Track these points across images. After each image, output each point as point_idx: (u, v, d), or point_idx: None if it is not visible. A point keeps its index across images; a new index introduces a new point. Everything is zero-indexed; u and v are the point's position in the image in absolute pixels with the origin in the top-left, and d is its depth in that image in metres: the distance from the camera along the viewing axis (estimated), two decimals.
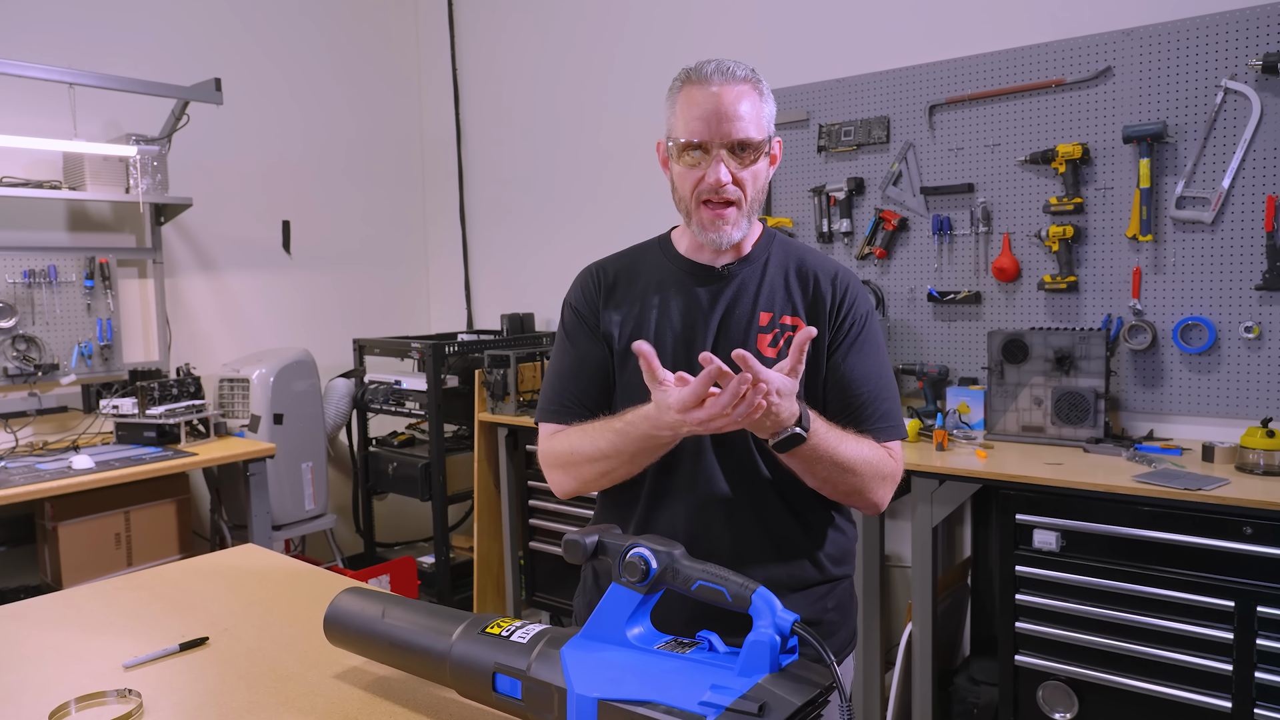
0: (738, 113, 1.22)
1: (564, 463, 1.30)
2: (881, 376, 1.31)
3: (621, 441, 1.21)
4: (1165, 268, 2.54)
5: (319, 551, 3.91)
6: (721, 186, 1.23)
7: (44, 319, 3.19)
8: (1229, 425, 2.45)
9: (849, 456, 1.20)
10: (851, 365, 1.29)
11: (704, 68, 1.24)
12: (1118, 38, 2.56)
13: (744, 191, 1.25)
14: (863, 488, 1.24)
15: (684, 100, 1.25)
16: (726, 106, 1.21)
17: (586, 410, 1.32)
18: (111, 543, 2.97)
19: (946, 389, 2.81)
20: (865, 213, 3.06)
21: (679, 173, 1.27)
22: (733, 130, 1.22)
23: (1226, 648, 1.99)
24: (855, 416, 1.28)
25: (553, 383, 1.37)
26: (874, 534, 2.65)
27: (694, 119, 1.23)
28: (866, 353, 1.31)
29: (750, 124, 1.23)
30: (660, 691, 0.83)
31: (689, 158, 1.24)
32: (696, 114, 1.22)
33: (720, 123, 1.21)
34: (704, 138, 1.22)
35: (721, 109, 1.21)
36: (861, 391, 1.29)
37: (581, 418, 1.31)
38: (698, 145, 1.23)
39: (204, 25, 3.69)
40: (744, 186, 1.25)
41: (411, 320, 4.56)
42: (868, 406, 1.29)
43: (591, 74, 3.86)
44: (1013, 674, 2.29)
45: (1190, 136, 2.47)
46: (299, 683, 1.11)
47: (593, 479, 1.28)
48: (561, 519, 3.25)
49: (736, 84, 1.23)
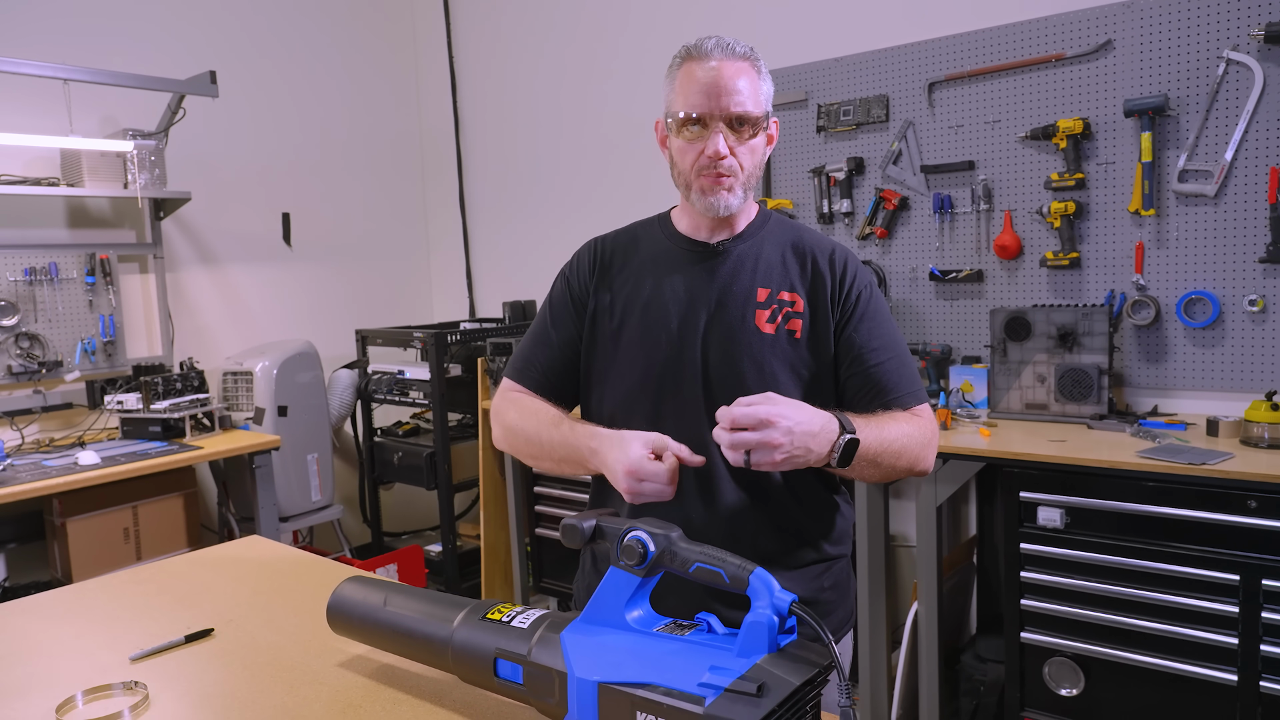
0: (736, 87, 1.23)
1: (505, 426, 1.36)
2: (895, 344, 1.32)
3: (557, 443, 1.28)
4: (1168, 242, 2.53)
5: (327, 542, 3.93)
6: (720, 158, 1.24)
7: (46, 316, 3.19)
8: (1233, 399, 2.44)
9: (896, 440, 1.21)
10: (864, 337, 1.29)
11: (704, 43, 1.25)
12: (1118, 10, 2.53)
13: (741, 166, 1.26)
14: (913, 463, 1.25)
15: (683, 76, 1.26)
16: (726, 81, 1.22)
17: (548, 380, 1.38)
18: (120, 537, 2.99)
19: (950, 368, 2.80)
20: (865, 192, 3.05)
21: (678, 147, 1.28)
22: (731, 104, 1.23)
23: (1232, 621, 1.99)
24: (876, 388, 1.28)
25: (526, 344, 1.43)
26: (879, 513, 2.65)
27: (693, 93, 1.23)
28: (876, 322, 1.31)
29: (749, 99, 1.24)
30: (660, 673, 0.84)
31: (688, 132, 1.25)
32: (696, 88, 1.23)
33: (719, 96, 1.22)
34: (703, 111, 1.23)
35: (721, 83, 1.22)
36: (879, 361, 1.29)
37: (541, 385, 1.38)
38: (696, 119, 1.24)
39: (199, 19, 3.68)
40: (741, 161, 1.25)
41: (414, 310, 4.56)
42: (888, 376, 1.28)
43: (589, 59, 3.84)
44: (1019, 651, 2.29)
45: (1192, 109, 2.45)
46: (303, 672, 1.12)
47: (525, 457, 1.37)
48: (567, 505, 3.26)
49: (736, 60, 1.24)
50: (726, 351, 1.27)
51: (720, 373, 1.26)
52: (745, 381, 1.25)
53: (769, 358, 1.27)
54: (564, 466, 1.29)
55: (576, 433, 1.25)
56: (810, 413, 1.12)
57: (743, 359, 1.27)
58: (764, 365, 1.26)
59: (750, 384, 1.25)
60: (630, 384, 1.31)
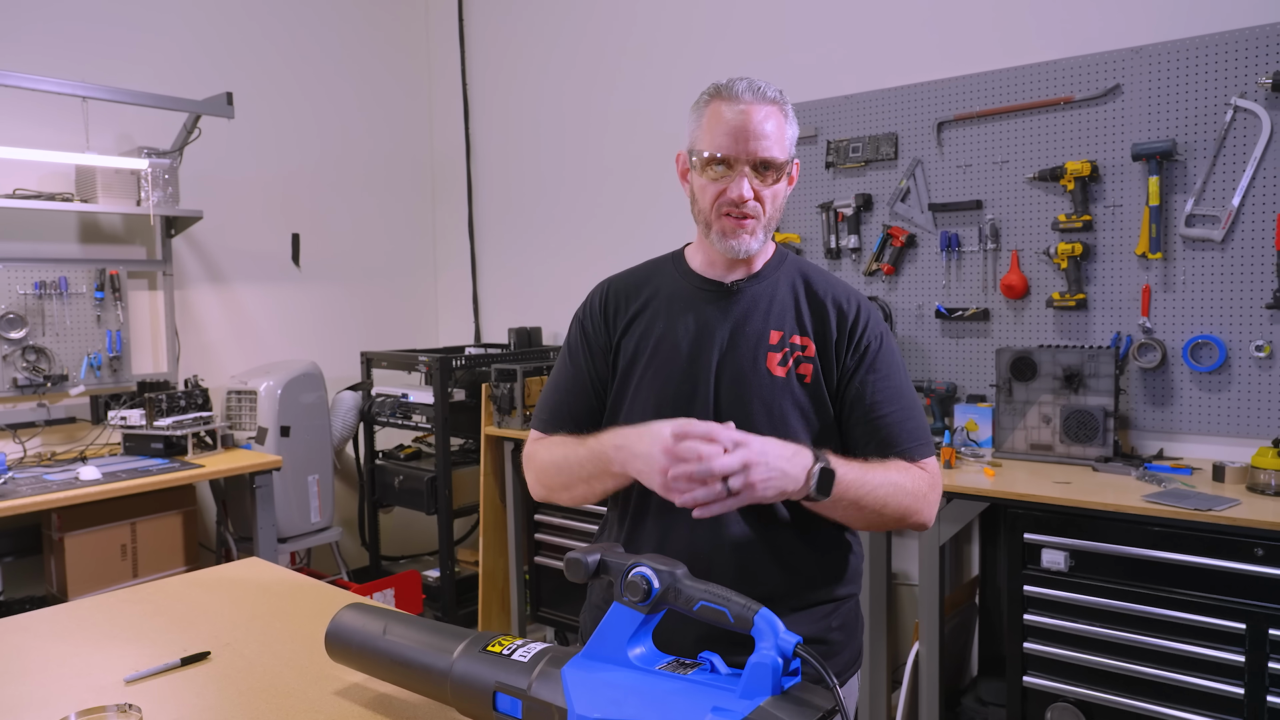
0: (765, 131, 1.23)
1: (536, 468, 1.36)
2: (904, 395, 1.31)
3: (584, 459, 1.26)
4: (1175, 286, 2.53)
5: (325, 564, 3.91)
6: (744, 202, 1.24)
7: (54, 330, 3.20)
8: (1240, 445, 2.43)
9: (880, 486, 1.20)
10: (872, 387, 1.28)
11: (735, 85, 1.26)
12: (1127, 55, 2.56)
13: (764, 208, 1.26)
14: (905, 513, 1.24)
15: (711, 115, 1.26)
16: (755, 125, 1.23)
17: (575, 426, 1.36)
18: (118, 554, 2.98)
19: (954, 406, 2.80)
20: (873, 229, 3.06)
21: (701, 185, 1.28)
22: (759, 149, 1.23)
23: (1238, 670, 1.96)
24: (882, 439, 1.27)
25: (549, 394, 1.42)
26: (881, 552, 2.63)
27: (721, 134, 1.24)
28: (886, 373, 1.30)
29: (775, 144, 1.24)
30: (661, 713, 0.83)
31: (712, 171, 1.26)
32: (724, 129, 1.24)
33: (747, 140, 1.23)
34: (730, 153, 1.24)
35: (750, 126, 1.23)
36: (886, 412, 1.28)
37: (569, 432, 1.35)
38: (722, 160, 1.24)
39: (218, 40, 3.72)
40: (764, 204, 1.26)
41: (419, 333, 4.57)
42: (895, 427, 1.28)
43: (599, 89, 3.88)
44: (1020, 695, 2.26)
45: (1200, 154, 2.46)
46: (299, 699, 1.11)
47: (558, 491, 1.34)
48: (567, 534, 3.24)
49: (765, 104, 1.24)
50: (738, 393, 1.27)
51: (731, 413, 1.25)
52: (755, 423, 1.24)
53: (779, 401, 1.26)
54: (594, 484, 1.26)
55: (601, 440, 1.24)
56: (777, 441, 1.13)
57: (753, 401, 1.26)
58: (774, 408, 1.26)
59: (760, 426, 1.24)
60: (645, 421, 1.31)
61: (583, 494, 1.31)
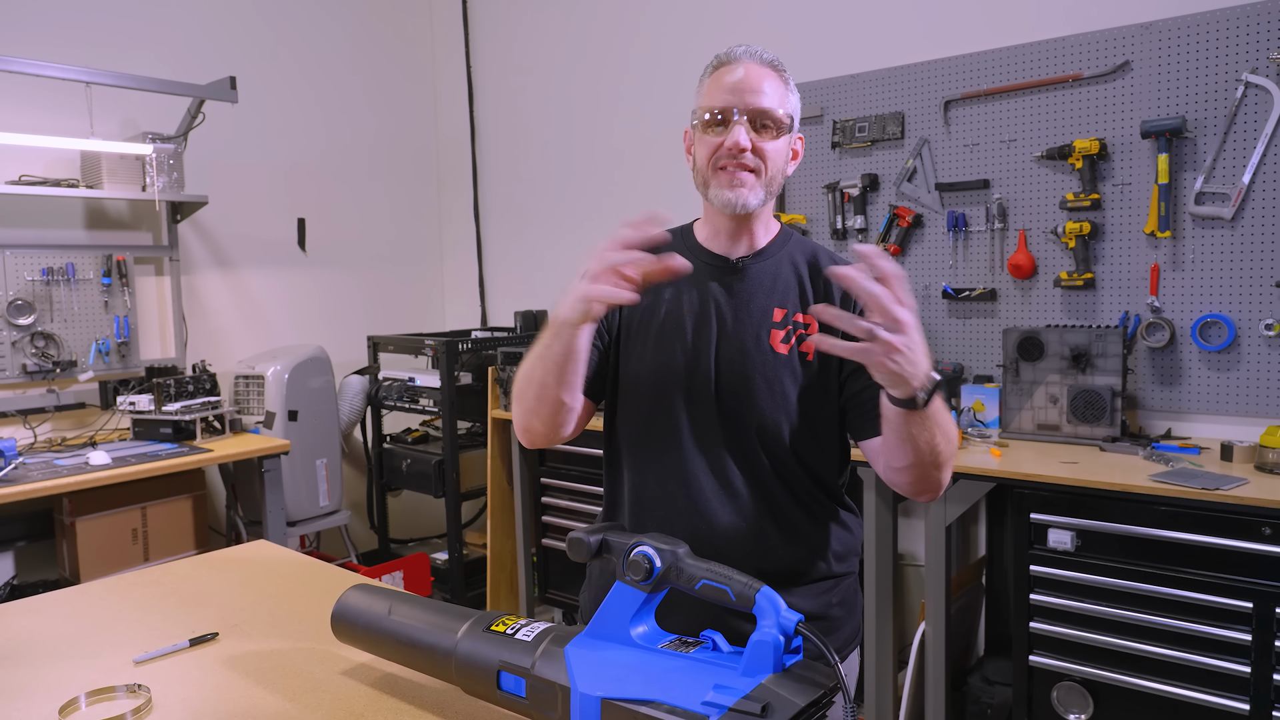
0: (761, 87, 1.23)
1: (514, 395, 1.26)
2: None
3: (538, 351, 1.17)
4: (1184, 264, 2.51)
5: (333, 548, 3.94)
6: (741, 151, 1.22)
7: (62, 316, 3.22)
8: (1248, 424, 2.42)
9: (947, 426, 1.14)
10: None
11: (733, 50, 1.27)
12: (1135, 31, 2.52)
13: (764, 163, 1.24)
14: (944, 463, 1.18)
15: (711, 81, 1.27)
16: (750, 80, 1.24)
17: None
18: (129, 538, 3.00)
19: (961, 386, 2.79)
20: (879, 209, 3.04)
21: (700, 142, 1.28)
22: (755, 99, 1.23)
23: (1245, 649, 1.96)
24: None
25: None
26: (887, 532, 2.63)
27: (718, 93, 1.25)
28: None
29: (772, 98, 1.24)
30: (664, 691, 0.83)
31: (712, 132, 1.25)
32: (721, 89, 1.25)
33: (743, 93, 1.23)
34: (726, 104, 1.23)
35: (745, 82, 1.23)
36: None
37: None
38: (720, 117, 1.24)
39: (221, 25, 3.71)
40: (764, 158, 1.24)
41: (426, 317, 4.58)
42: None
43: (605, 71, 3.86)
44: (1027, 674, 2.27)
45: (1210, 131, 2.44)
46: (306, 679, 1.12)
47: (530, 404, 1.23)
48: (574, 516, 3.25)
49: (762, 65, 1.25)
50: (738, 368, 1.27)
51: (731, 387, 1.25)
52: (756, 398, 1.24)
53: (781, 376, 1.26)
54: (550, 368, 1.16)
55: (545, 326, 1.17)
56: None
57: (755, 376, 1.26)
58: (774, 384, 1.25)
59: (761, 400, 1.24)
60: (649, 395, 1.30)
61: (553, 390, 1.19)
